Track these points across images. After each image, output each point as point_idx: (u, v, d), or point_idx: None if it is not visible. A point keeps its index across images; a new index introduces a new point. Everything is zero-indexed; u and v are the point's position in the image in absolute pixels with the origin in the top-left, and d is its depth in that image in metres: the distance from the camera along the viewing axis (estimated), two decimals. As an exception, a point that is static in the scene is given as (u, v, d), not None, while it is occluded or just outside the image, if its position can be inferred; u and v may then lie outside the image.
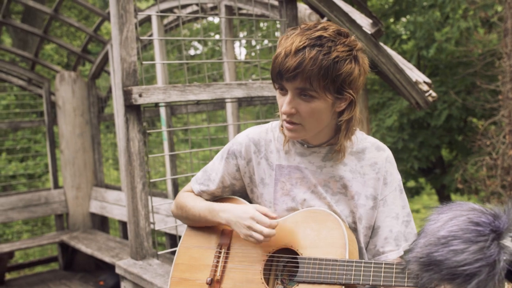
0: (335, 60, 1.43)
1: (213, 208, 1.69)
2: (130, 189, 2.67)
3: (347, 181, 1.60)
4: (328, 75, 1.43)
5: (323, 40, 1.44)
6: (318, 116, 1.50)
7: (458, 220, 0.98)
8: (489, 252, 0.93)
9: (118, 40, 2.62)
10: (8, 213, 6.31)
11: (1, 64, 6.75)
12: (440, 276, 0.96)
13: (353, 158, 1.62)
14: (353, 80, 1.48)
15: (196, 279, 1.65)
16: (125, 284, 2.70)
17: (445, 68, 8.30)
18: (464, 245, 0.94)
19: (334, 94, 1.48)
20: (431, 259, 0.97)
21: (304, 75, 1.42)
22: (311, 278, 1.46)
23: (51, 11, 5.86)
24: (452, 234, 0.96)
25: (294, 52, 1.43)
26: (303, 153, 1.64)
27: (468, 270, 0.93)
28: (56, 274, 6.57)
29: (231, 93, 2.95)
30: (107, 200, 6.28)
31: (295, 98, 1.49)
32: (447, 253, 0.95)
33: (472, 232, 0.95)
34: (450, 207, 1.03)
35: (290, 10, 3.26)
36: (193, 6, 5.04)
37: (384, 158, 1.62)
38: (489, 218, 0.97)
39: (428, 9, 7.38)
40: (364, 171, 1.61)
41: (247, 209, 1.58)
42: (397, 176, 1.64)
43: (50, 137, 6.89)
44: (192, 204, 1.77)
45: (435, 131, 8.05)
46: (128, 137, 2.64)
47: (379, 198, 1.60)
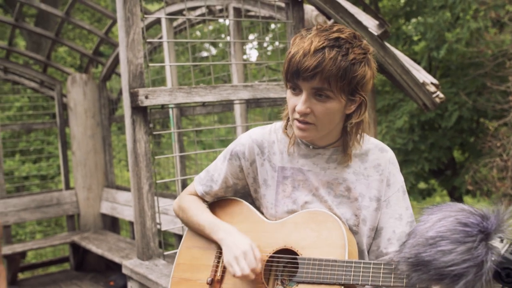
0: (352, 62, 1.44)
1: (215, 223, 1.70)
2: (137, 190, 2.70)
3: (351, 183, 1.60)
4: (345, 76, 1.44)
5: (341, 42, 1.45)
6: (332, 117, 1.51)
7: (446, 221, 0.98)
8: (477, 253, 0.93)
9: (124, 42, 2.65)
10: (20, 213, 6.39)
11: (15, 67, 6.83)
12: (428, 276, 0.96)
13: (357, 160, 1.63)
14: (365, 82, 1.50)
15: (197, 279, 1.67)
16: (132, 284, 2.73)
17: (456, 69, 8.26)
18: (452, 245, 0.95)
19: (348, 95, 1.49)
20: (419, 259, 0.98)
21: (323, 75, 1.43)
22: (311, 278, 1.47)
23: (63, 14, 5.93)
24: (440, 234, 0.97)
25: (314, 52, 1.43)
26: (307, 154, 1.65)
27: (455, 271, 0.93)
28: (67, 274, 6.63)
29: (237, 94, 2.97)
30: (118, 201, 6.33)
31: (310, 98, 1.49)
32: (435, 253, 0.96)
33: (460, 232, 0.96)
34: (440, 208, 1.04)
35: (297, 12, 3.28)
36: (202, 8, 5.07)
37: (387, 159, 1.63)
38: (477, 219, 0.98)
39: (439, 10, 7.35)
40: (368, 173, 1.61)
41: (245, 242, 1.58)
42: (399, 178, 1.64)
43: (62, 139, 6.96)
44: (195, 211, 1.78)
45: (446, 133, 8.01)
46: (135, 139, 2.67)
47: (382, 200, 1.60)
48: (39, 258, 10.28)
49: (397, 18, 9.16)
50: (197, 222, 1.75)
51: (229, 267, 1.56)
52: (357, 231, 1.60)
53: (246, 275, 1.52)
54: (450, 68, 8.42)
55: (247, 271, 1.52)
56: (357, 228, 1.60)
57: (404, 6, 9.06)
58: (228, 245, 1.60)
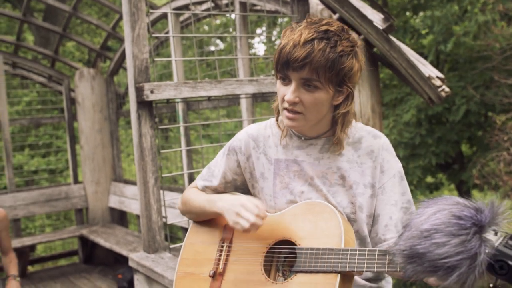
0: (340, 54, 1.48)
1: (212, 198, 1.74)
2: (143, 184, 2.73)
3: (345, 172, 1.63)
4: (333, 67, 1.48)
5: (330, 34, 1.49)
6: (319, 107, 1.55)
7: (441, 214, 1.00)
8: (470, 245, 0.95)
9: (130, 37, 2.67)
10: (30, 207, 6.45)
11: (23, 62, 6.88)
12: (423, 268, 0.98)
13: (350, 148, 1.65)
14: (353, 74, 1.54)
15: (200, 273, 1.70)
16: (138, 277, 2.76)
17: (464, 63, 8.22)
18: (446, 238, 0.96)
19: (336, 86, 1.53)
20: (414, 251, 0.99)
21: (312, 65, 1.47)
22: (308, 267, 1.50)
23: (70, 9, 5.96)
24: (435, 227, 0.98)
25: (303, 43, 1.48)
26: (300, 146, 1.68)
27: (449, 263, 0.95)
28: (76, 268, 6.70)
29: (242, 89, 2.99)
30: (126, 194, 6.37)
31: (299, 88, 1.53)
32: (429, 246, 0.97)
33: (454, 225, 0.97)
34: (435, 201, 1.05)
35: (302, 6, 3.28)
36: (208, 3, 5.08)
37: (380, 145, 1.65)
38: (471, 212, 0.99)
39: (446, 3, 7.31)
40: (361, 160, 1.64)
41: (241, 198, 1.63)
42: (395, 164, 1.65)
43: (70, 133, 7.01)
44: (193, 197, 1.83)
45: (453, 127, 7.98)
46: (140, 133, 2.69)
47: (377, 186, 1.62)
48: (48, 251, 10.37)
49: (404, 12, 9.11)
50: (197, 206, 1.79)
51: (236, 225, 1.58)
52: (355, 219, 1.62)
53: (254, 223, 1.55)
54: (458, 61, 8.38)
55: (252, 218, 1.55)
56: (355, 216, 1.62)
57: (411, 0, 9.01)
58: (227, 208, 1.63)
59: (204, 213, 1.78)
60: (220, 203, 1.68)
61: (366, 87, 3.46)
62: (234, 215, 1.59)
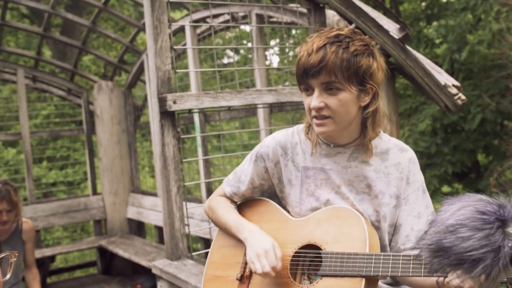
0: (354, 53, 1.54)
1: (240, 223, 1.78)
2: (166, 192, 2.79)
3: (371, 181, 1.66)
4: (350, 66, 1.54)
5: (341, 37, 1.57)
6: (346, 108, 1.58)
7: (465, 210, 1.04)
8: (494, 239, 0.99)
9: (153, 49, 2.75)
10: (49, 218, 6.54)
11: (42, 75, 7.02)
12: (449, 261, 1.02)
13: (377, 158, 1.69)
14: (373, 72, 1.59)
15: (228, 276, 1.74)
16: (161, 284, 2.81)
17: (479, 72, 8.22)
18: (471, 232, 1.00)
19: (358, 86, 1.57)
20: (440, 245, 1.04)
21: (327, 68, 1.53)
22: (334, 271, 1.53)
23: (89, 24, 6.09)
24: (460, 222, 1.03)
25: (316, 50, 1.55)
26: (328, 153, 1.71)
27: (474, 256, 0.99)
28: (95, 278, 6.76)
29: (261, 99, 3.05)
30: (144, 205, 6.45)
31: (322, 94, 1.58)
32: (455, 240, 1.02)
33: (478, 220, 1.02)
34: (459, 199, 1.10)
35: (319, 17, 3.34)
36: (225, 16, 5.17)
37: (407, 158, 1.68)
38: (494, 207, 1.04)
39: (460, 12, 7.34)
40: (388, 171, 1.67)
41: (267, 241, 1.66)
42: (420, 177, 1.69)
43: (89, 145, 7.12)
44: (222, 211, 1.87)
45: (469, 135, 7.97)
46: (163, 142, 2.76)
47: (402, 197, 1.66)
48: (66, 263, 10.47)
49: (418, 21, 9.15)
50: (224, 222, 1.83)
51: (251, 264, 1.63)
52: (379, 227, 1.66)
53: (267, 273, 1.59)
54: (472, 70, 8.38)
55: (267, 268, 1.59)
56: (379, 224, 1.66)
57: (425, 9, 9.05)
58: (251, 244, 1.67)
59: (229, 232, 1.82)
60: (247, 233, 1.72)
61: (383, 96, 3.50)
62: (253, 255, 1.63)
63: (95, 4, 5.91)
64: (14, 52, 7.56)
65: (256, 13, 4.48)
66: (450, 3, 8.38)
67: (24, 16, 13.33)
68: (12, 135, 7.57)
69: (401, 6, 10.43)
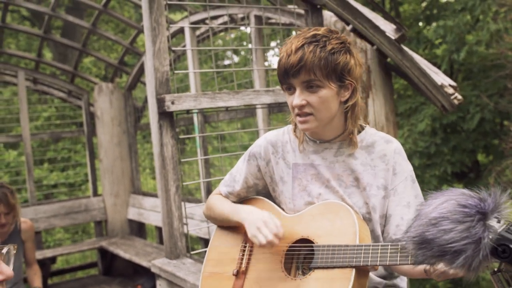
0: (331, 51, 1.61)
1: (236, 208, 1.84)
2: (164, 192, 2.82)
3: (359, 174, 1.71)
4: (328, 64, 1.61)
5: (318, 37, 1.64)
6: (327, 104, 1.65)
7: (448, 203, 1.08)
8: (475, 231, 1.03)
9: (151, 51, 2.78)
10: (51, 220, 6.58)
11: (43, 77, 7.06)
12: (432, 253, 1.06)
13: (363, 152, 1.74)
14: (351, 68, 1.65)
15: (224, 272, 1.79)
16: (160, 282, 2.84)
17: (479, 72, 8.24)
18: (452, 225, 1.04)
19: (337, 82, 1.64)
20: (423, 238, 1.08)
21: (306, 67, 1.60)
22: (325, 263, 1.58)
23: (89, 26, 6.12)
24: (442, 215, 1.07)
25: (295, 51, 1.62)
26: (316, 150, 1.77)
27: (455, 247, 1.03)
28: (96, 279, 6.79)
29: (259, 99, 3.08)
30: (144, 206, 6.48)
31: (303, 92, 1.65)
32: (437, 232, 1.05)
33: (459, 213, 1.05)
34: (443, 193, 1.14)
35: (316, 18, 3.37)
36: (224, 17, 5.20)
37: (392, 150, 1.73)
38: (475, 201, 1.07)
39: (459, 13, 7.37)
40: (374, 163, 1.72)
41: (264, 214, 1.72)
42: (407, 167, 1.73)
43: (90, 147, 7.15)
44: (219, 204, 1.93)
45: (469, 135, 7.98)
46: (162, 143, 2.79)
47: (390, 188, 1.70)
48: (67, 264, 10.51)
49: (418, 22, 9.17)
50: (222, 213, 1.88)
51: (254, 238, 1.67)
52: (370, 219, 1.71)
53: (270, 241, 1.63)
54: (472, 70, 8.40)
55: (270, 236, 1.64)
56: (370, 216, 1.70)
57: (424, 10, 9.08)
58: (249, 220, 1.72)
59: (228, 221, 1.87)
60: (244, 214, 1.77)
61: (380, 96, 3.53)
62: (254, 229, 1.68)
63: (95, 6, 5.95)
64: (15, 54, 7.60)
65: (255, 15, 4.51)
66: (449, 3, 8.41)
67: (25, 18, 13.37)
68: (13, 137, 7.61)
69: (401, 7, 10.45)
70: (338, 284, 1.54)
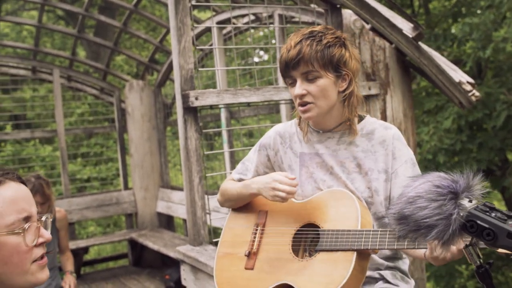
0: (327, 45, 1.79)
1: (246, 183, 2.01)
2: (188, 183, 2.99)
3: (360, 160, 1.87)
4: (324, 56, 1.78)
5: (314, 33, 1.82)
6: (325, 93, 1.81)
7: (424, 184, 1.22)
8: (446, 208, 1.16)
9: (177, 49, 2.95)
10: (83, 212, 6.85)
11: (77, 75, 7.34)
12: (409, 227, 1.20)
13: (364, 139, 1.89)
14: (346, 60, 1.82)
15: (237, 253, 1.95)
16: (184, 267, 3.02)
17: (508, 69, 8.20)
18: (427, 203, 1.18)
19: (334, 72, 1.81)
20: (402, 214, 1.22)
21: (304, 59, 1.78)
22: (329, 246, 1.72)
23: (121, 25, 6.35)
24: (418, 194, 1.21)
25: (294, 46, 1.80)
26: (320, 139, 1.93)
27: (429, 222, 1.17)
28: (126, 270, 7.03)
29: (279, 95, 3.23)
30: (173, 200, 6.69)
31: (304, 82, 1.82)
32: (413, 209, 1.20)
33: (433, 193, 1.19)
34: (422, 176, 1.28)
35: (335, 17, 3.50)
36: (250, 16, 5.35)
37: (391, 135, 1.88)
38: (448, 182, 1.21)
39: (485, 10, 7.36)
40: (374, 149, 1.87)
41: (271, 175, 1.89)
42: (406, 151, 1.88)
43: (121, 142, 7.40)
44: (230, 186, 2.10)
45: (497, 133, 7.95)
46: (186, 136, 2.96)
47: (390, 172, 1.85)
48: (99, 255, 10.83)
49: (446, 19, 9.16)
50: (235, 192, 2.05)
51: (275, 198, 1.83)
52: (373, 202, 1.85)
53: (290, 191, 1.81)
54: (502, 68, 8.36)
55: (288, 188, 1.81)
56: (372, 199, 1.85)
57: (452, 7, 9.06)
58: (262, 187, 1.89)
59: (242, 197, 2.03)
60: (255, 185, 1.94)
61: (398, 93, 3.64)
62: (271, 191, 1.84)
63: (126, 6, 6.17)
64: (50, 53, 7.90)
65: (278, 14, 4.64)
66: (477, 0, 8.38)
67: (60, 17, 13.78)
68: (49, 132, 7.91)
69: (431, 4, 10.43)
70: (340, 265, 1.68)
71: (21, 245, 1.20)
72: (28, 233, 1.22)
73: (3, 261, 1.19)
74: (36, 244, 1.24)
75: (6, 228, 1.19)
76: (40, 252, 1.25)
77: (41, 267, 1.25)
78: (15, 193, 1.23)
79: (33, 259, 1.23)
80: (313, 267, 1.73)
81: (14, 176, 1.28)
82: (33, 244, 1.23)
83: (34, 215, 1.26)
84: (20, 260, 1.20)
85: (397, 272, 1.91)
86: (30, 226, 1.23)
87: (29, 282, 1.23)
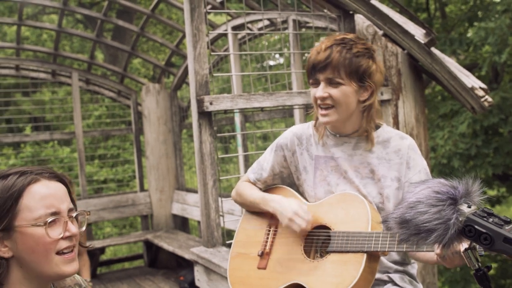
0: (356, 54, 1.83)
1: (265, 198, 2.05)
2: (203, 185, 3.06)
3: (374, 167, 1.92)
4: (351, 65, 1.82)
5: (346, 40, 1.86)
6: (346, 99, 1.86)
7: (425, 190, 1.27)
8: (445, 213, 1.21)
9: (192, 55, 3.02)
10: (100, 213, 6.96)
11: (95, 78, 7.47)
12: (410, 231, 1.26)
13: (380, 146, 1.94)
14: (372, 72, 1.86)
15: (250, 253, 2.01)
16: (197, 268, 3.08)
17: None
18: (427, 208, 1.23)
19: (358, 82, 1.85)
20: (403, 218, 1.27)
21: (332, 64, 1.83)
22: (340, 248, 1.78)
23: (138, 29, 6.45)
24: (418, 200, 1.26)
25: (324, 49, 1.85)
26: (336, 143, 1.98)
27: (428, 226, 1.22)
28: (141, 270, 7.13)
29: (292, 100, 3.28)
30: (188, 202, 6.77)
31: (327, 86, 1.87)
32: (414, 214, 1.25)
33: (433, 198, 1.24)
34: (424, 182, 1.33)
35: (348, 23, 3.55)
36: (264, 21, 5.42)
37: (406, 145, 1.93)
38: (448, 188, 1.26)
39: (502, 14, 7.34)
40: (389, 157, 1.92)
41: (292, 204, 1.93)
42: (421, 162, 1.93)
43: (137, 144, 7.51)
44: (249, 192, 2.14)
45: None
46: (201, 140, 3.03)
47: (403, 180, 1.90)
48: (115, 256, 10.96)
49: (462, 23, 9.14)
50: (251, 200, 2.10)
51: (290, 227, 1.88)
52: (383, 208, 1.90)
53: (304, 228, 1.86)
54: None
55: (304, 224, 1.86)
56: (383, 205, 1.90)
57: (468, 11, 9.04)
58: (280, 211, 1.93)
59: (256, 207, 2.09)
60: (273, 204, 1.99)
61: (410, 98, 3.67)
62: (287, 220, 1.89)
63: (143, 11, 6.27)
64: (69, 56, 8.03)
65: (292, 19, 4.70)
66: (493, 3, 8.36)
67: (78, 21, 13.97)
68: (67, 134, 8.04)
69: (447, 7, 10.41)
70: (351, 267, 1.74)
71: (45, 236, 1.32)
72: (53, 227, 1.34)
73: (31, 249, 1.32)
74: (63, 237, 1.35)
75: (34, 221, 1.32)
76: (65, 244, 1.36)
77: (67, 260, 1.36)
78: (46, 190, 1.36)
79: (57, 250, 1.34)
80: (324, 268, 1.79)
81: (49, 174, 1.40)
82: (59, 236, 1.34)
83: (63, 211, 1.37)
84: (45, 250, 1.33)
85: (405, 275, 1.96)
86: (55, 220, 1.34)
87: (55, 273, 1.35)
